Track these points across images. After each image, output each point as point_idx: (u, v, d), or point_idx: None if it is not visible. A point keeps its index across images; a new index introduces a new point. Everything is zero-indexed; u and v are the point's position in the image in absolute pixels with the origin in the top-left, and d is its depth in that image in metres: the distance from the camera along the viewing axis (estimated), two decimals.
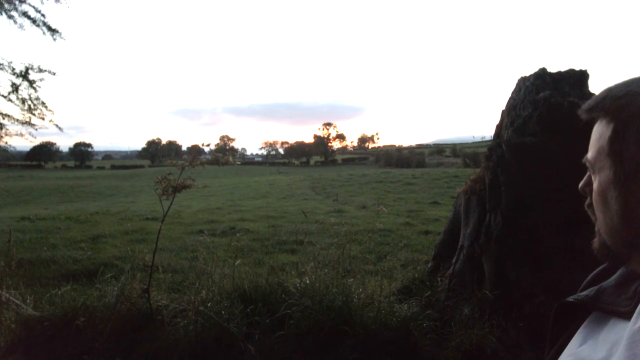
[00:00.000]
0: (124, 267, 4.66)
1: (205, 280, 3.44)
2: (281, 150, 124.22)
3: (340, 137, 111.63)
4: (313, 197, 18.69)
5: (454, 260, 3.15)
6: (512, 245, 2.66)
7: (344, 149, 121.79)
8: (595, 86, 3.16)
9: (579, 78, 3.10)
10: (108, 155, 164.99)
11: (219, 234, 7.77)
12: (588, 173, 0.72)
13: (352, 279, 3.21)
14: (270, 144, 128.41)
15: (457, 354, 2.54)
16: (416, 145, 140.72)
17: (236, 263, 3.46)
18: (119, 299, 3.25)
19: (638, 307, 0.64)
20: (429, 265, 3.46)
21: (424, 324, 2.65)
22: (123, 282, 3.36)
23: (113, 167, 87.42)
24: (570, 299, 0.77)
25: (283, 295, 3.14)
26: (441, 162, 54.78)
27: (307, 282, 3.14)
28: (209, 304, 3.04)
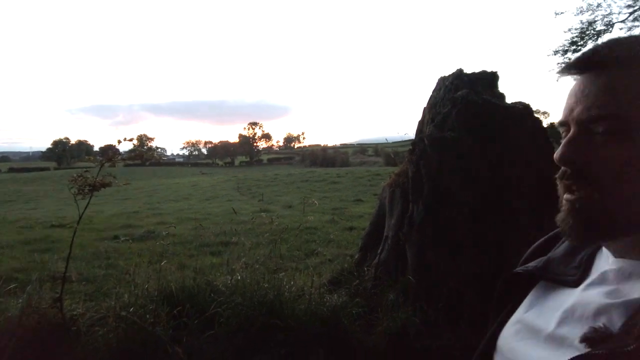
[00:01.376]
0: (28, 279, 4.20)
1: (127, 285, 3.23)
2: (204, 151, 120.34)
3: (266, 136, 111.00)
4: (238, 198, 18.33)
5: (379, 250, 3.30)
6: (432, 233, 2.86)
7: (269, 149, 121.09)
8: (503, 87, 3.49)
9: (490, 79, 3.42)
10: (5, 157, 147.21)
11: (136, 239, 7.31)
12: (575, 139, 0.61)
13: (283, 274, 3.22)
14: (192, 143, 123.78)
15: (384, 337, 2.68)
16: (341, 144, 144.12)
17: (162, 263, 3.30)
18: (25, 312, 2.93)
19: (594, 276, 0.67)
20: (357, 256, 3.59)
21: (353, 312, 2.75)
22: (29, 293, 3.03)
23: (11, 169, 77.59)
24: (519, 269, 0.78)
25: (212, 295, 3.05)
26: (364, 161, 56.77)
27: (239, 278, 3.09)
28: (132, 309, 2.87)
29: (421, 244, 2.91)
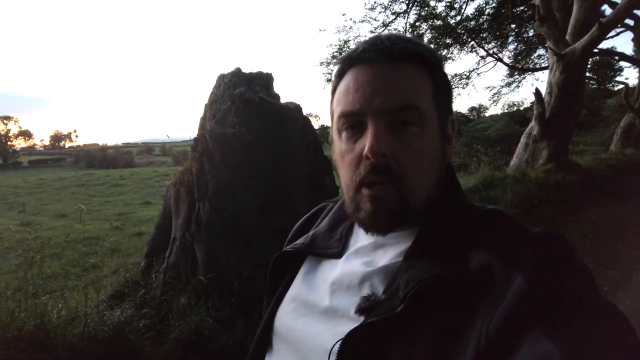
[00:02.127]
0: None
1: None
2: None
3: (25, 134, 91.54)
4: None
5: (167, 254, 3.11)
6: (220, 229, 2.86)
7: (31, 149, 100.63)
8: (279, 89, 3.73)
9: (266, 79, 3.62)
10: None
11: None
12: (383, 131, 0.59)
13: (47, 296, 2.68)
14: None
15: (177, 344, 2.54)
16: (123, 144, 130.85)
17: None
18: None
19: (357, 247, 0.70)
20: (142, 264, 3.30)
21: (140, 325, 2.50)
22: None
23: None
24: (288, 248, 0.79)
25: None
26: (151, 161, 52.94)
27: None
28: None
29: (210, 242, 2.88)
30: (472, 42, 15.38)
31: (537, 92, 8.76)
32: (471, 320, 0.49)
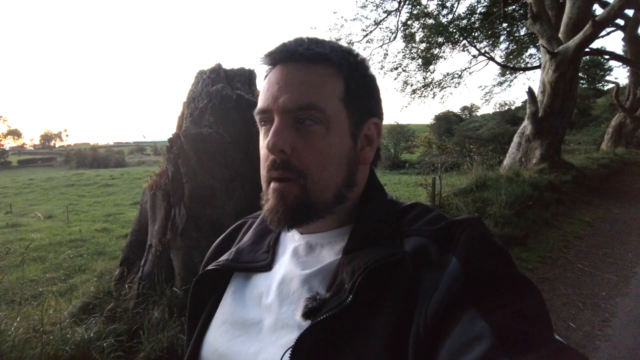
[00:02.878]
0: None
1: None
2: None
3: (14, 133, 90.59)
4: None
5: (142, 262, 2.91)
6: (197, 237, 2.65)
7: (20, 148, 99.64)
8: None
9: (248, 76, 3.41)
10: None
11: None
12: (284, 128, 0.60)
13: (4, 312, 2.46)
14: None
15: None
16: (115, 143, 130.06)
17: None
18: None
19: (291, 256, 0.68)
20: (117, 272, 3.09)
21: (104, 344, 2.29)
22: None
23: None
24: (210, 267, 0.73)
25: None
26: (143, 160, 52.50)
27: None
28: None
29: (187, 250, 2.68)
30: (464, 41, 15.32)
31: (530, 91, 8.66)
32: (415, 303, 0.51)
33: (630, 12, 12.72)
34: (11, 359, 2.07)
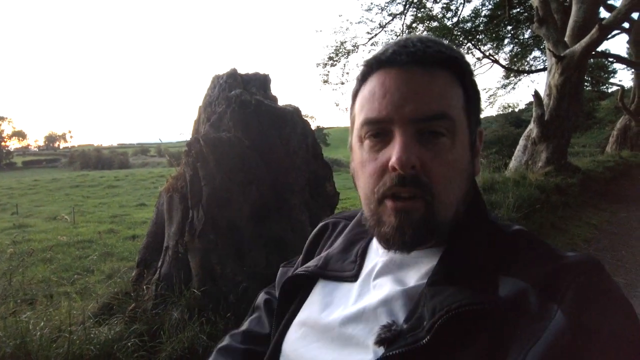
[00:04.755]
0: None
1: None
2: None
3: (19, 134, 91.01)
4: None
5: (159, 264, 2.96)
6: (215, 239, 2.70)
7: (25, 150, 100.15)
8: (276, 91, 3.59)
9: (263, 80, 3.47)
10: None
11: None
12: (412, 141, 0.55)
13: (30, 312, 2.52)
14: None
15: None
16: (118, 144, 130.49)
17: None
18: None
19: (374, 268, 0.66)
20: (134, 273, 3.14)
21: (129, 343, 2.34)
22: None
23: None
24: (301, 271, 0.74)
25: None
26: (146, 162, 52.72)
27: None
28: None
29: (204, 252, 2.73)
30: (469, 44, 15.35)
31: (537, 94, 8.68)
32: (504, 354, 0.46)
33: (635, 15, 12.72)
34: (39, 357, 2.13)
